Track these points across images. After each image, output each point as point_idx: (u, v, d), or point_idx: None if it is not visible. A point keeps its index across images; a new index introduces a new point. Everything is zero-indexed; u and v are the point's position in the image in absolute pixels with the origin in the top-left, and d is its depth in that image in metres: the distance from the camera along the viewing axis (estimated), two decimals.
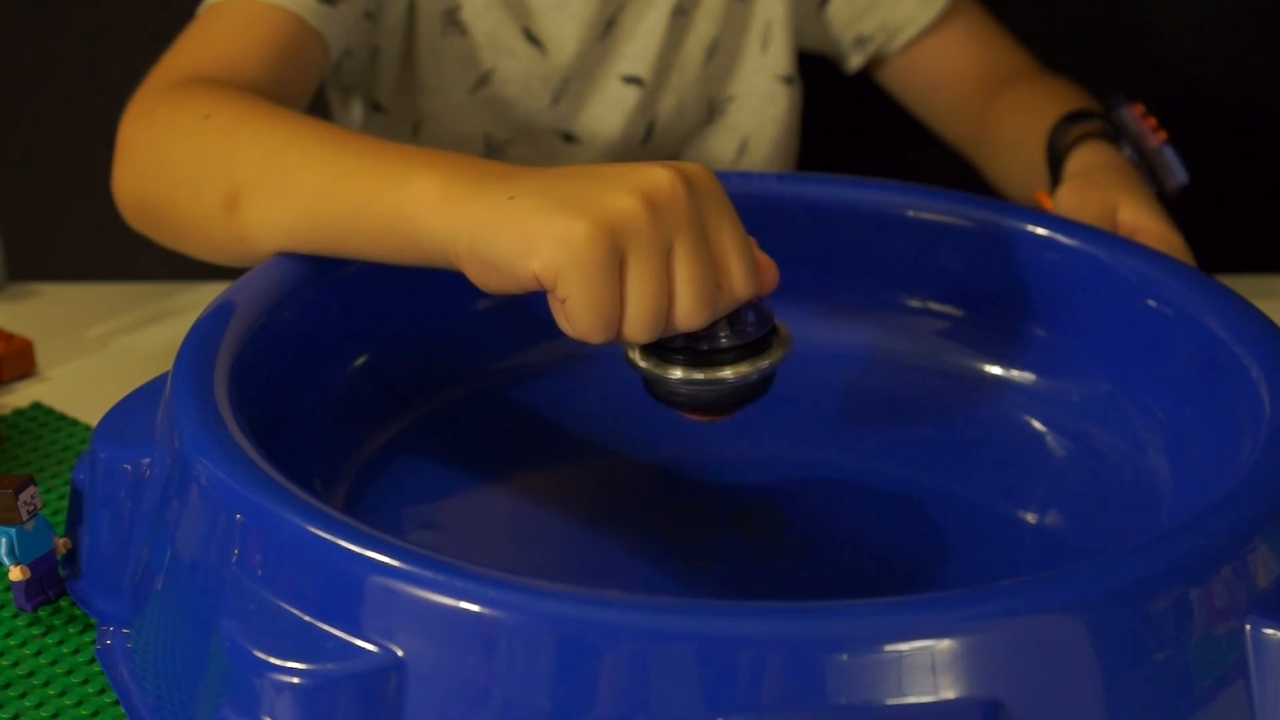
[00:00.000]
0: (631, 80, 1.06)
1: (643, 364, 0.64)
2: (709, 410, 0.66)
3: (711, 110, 1.10)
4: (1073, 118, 0.95)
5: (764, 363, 0.64)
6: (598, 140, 1.08)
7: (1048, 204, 0.89)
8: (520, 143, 1.08)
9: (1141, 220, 0.84)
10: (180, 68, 0.86)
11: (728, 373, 0.63)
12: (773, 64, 1.09)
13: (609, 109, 1.07)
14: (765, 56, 1.09)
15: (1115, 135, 0.94)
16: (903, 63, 1.13)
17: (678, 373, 0.64)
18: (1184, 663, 0.53)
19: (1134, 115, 0.94)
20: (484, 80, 1.06)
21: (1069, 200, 0.86)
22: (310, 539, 0.54)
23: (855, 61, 1.13)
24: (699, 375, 0.63)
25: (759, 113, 1.10)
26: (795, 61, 1.11)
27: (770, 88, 1.10)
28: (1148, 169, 0.93)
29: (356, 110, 1.10)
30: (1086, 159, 0.92)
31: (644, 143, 1.08)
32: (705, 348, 0.63)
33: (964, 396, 0.78)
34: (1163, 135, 0.93)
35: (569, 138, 1.07)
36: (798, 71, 1.12)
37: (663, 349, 0.64)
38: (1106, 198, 0.86)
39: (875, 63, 1.14)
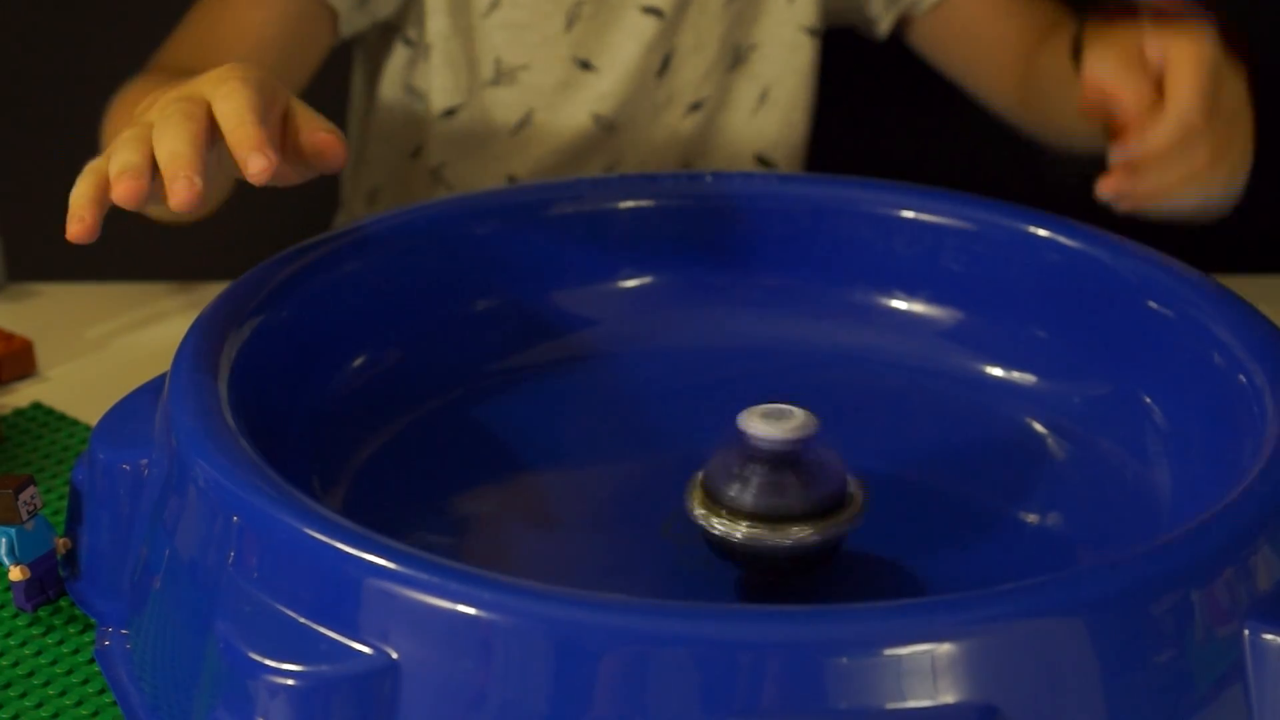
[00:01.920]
0: (650, 11, 1.07)
1: (701, 515, 0.62)
2: (769, 571, 0.63)
3: (736, 57, 1.10)
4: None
5: (830, 528, 0.61)
6: (614, 68, 1.08)
7: (1089, 92, 0.83)
8: (536, 68, 1.07)
9: (1170, 41, 0.80)
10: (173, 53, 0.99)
11: (789, 534, 0.61)
12: (798, 15, 1.09)
13: (626, 38, 1.07)
14: (791, 8, 1.09)
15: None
16: (933, 20, 1.12)
17: (740, 529, 0.61)
18: (1183, 667, 0.53)
19: None
20: (496, 3, 1.06)
21: (1092, 55, 0.83)
22: (306, 541, 0.54)
23: (885, 23, 1.12)
24: (760, 532, 0.61)
25: (782, 63, 1.10)
26: (821, 14, 1.10)
27: (794, 37, 1.09)
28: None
29: (399, 54, 1.11)
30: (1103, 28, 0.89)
31: (659, 74, 1.08)
32: (775, 506, 0.61)
33: (965, 398, 0.78)
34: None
35: (586, 65, 1.08)
36: (822, 24, 1.11)
37: (729, 507, 0.62)
38: (1129, 36, 0.82)
39: (905, 23, 1.13)
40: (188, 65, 0.89)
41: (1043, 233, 0.78)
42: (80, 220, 0.65)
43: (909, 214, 0.81)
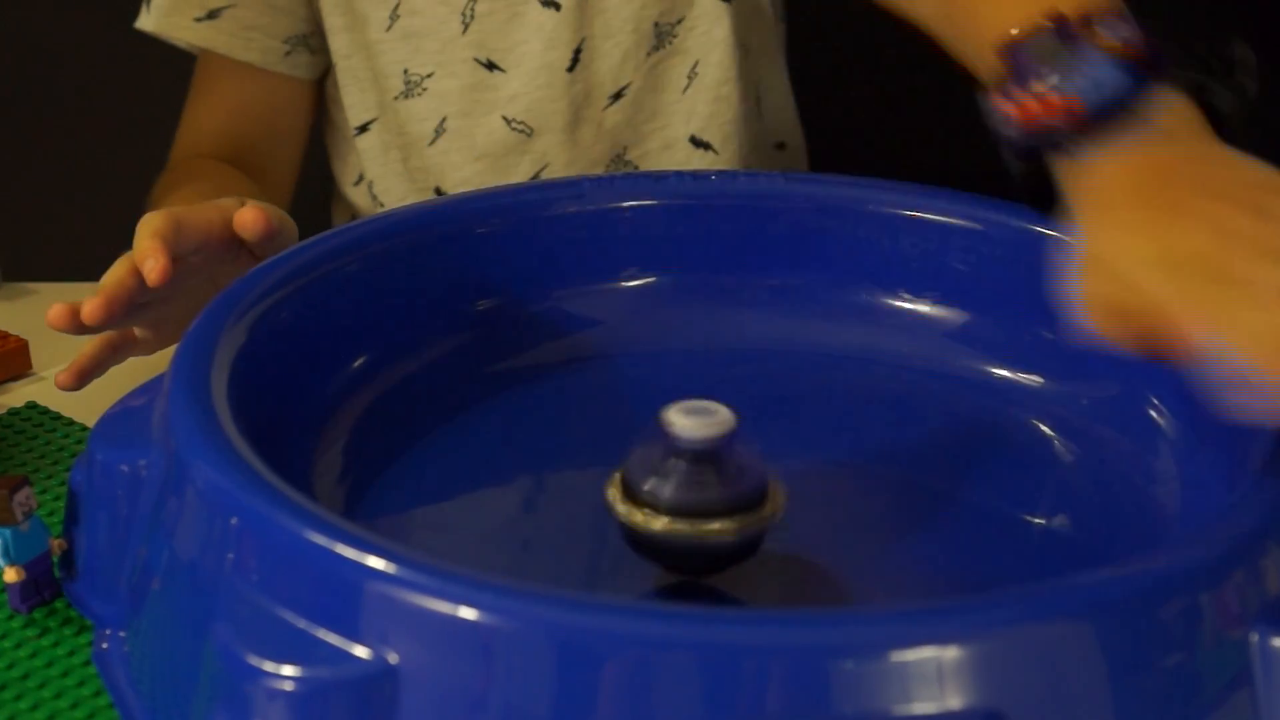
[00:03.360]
0: (548, 4, 1.06)
1: (620, 508, 0.61)
2: (686, 568, 0.63)
3: (660, 37, 1.09)
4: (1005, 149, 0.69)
5: (749, 525, 0.61)
6: (521, 67, 1.07)
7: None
8: (441, 75, 1.08)
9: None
10: (180, 146, 1.11)
11: (707, 530, 0.60)
12: None
13: (530, 35, 1.07)
14: None
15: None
16: None
17: (659, 523, 0.60)
18: (1192, 671, 0.53)
19: (1017, 126, 0.66)
20: (395, 14, 1.07)
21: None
22: (305, 544, 0.54)
23: None
24: (678, 527, 0.60)
25: (706, 35, 1.09)
26: None
27: (713, 7, 1.09)
28: (1103, 128, 0.64)
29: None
30: None
31: (571, 69, 1.08)
32: (694, 502, 0.60)
33: (971, 399, 0.78)
34: (1057, 102, 0.64)
35: (491, 66, 1.07)
36: None
37: (647, 501, 0.61)
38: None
39: None
40: (191, 157, 1.09)
41: (1050, 232, 0.77)
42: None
43: (915, 214, 0.81)
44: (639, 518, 0.61)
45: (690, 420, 0.60)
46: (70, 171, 1.53)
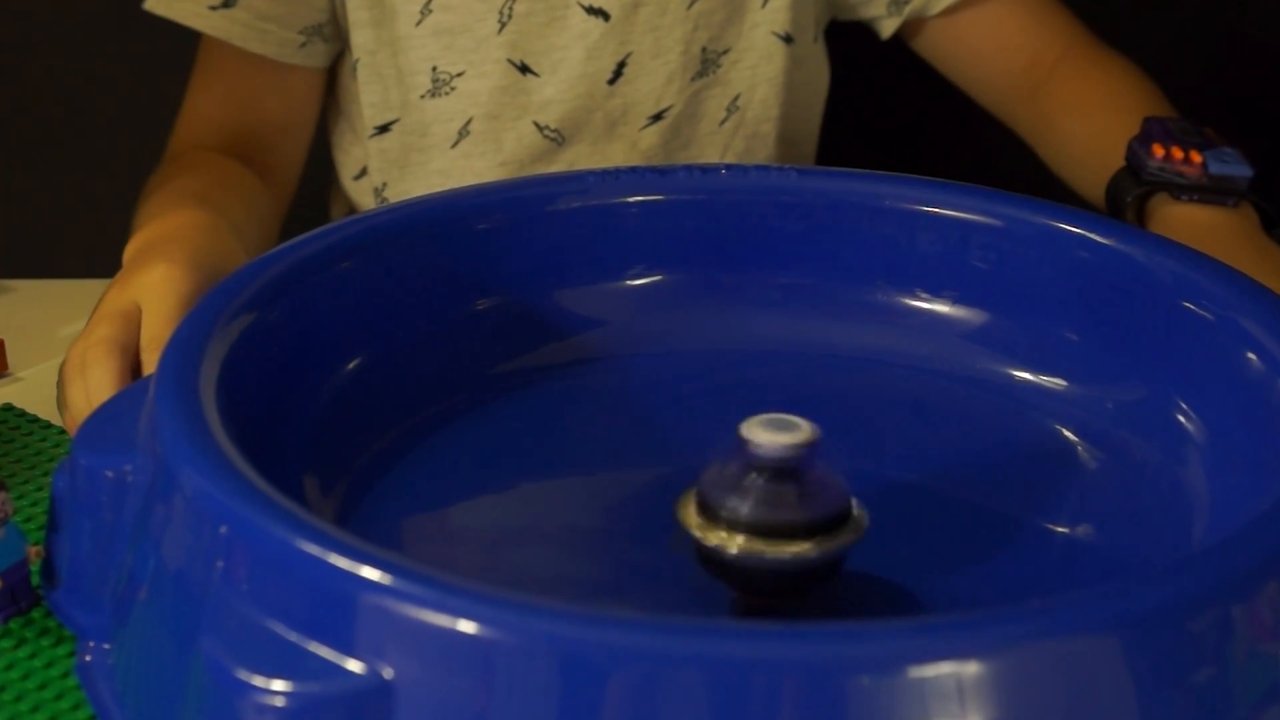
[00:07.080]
0: (594, 12, 1.06)
1: (694, 528, 0.61)
2: (762, 591, 0.63)
3: (704, 64, 1.09)
4: (1125, 173, 0.96)
5: (830, 545, 0.61)
6: (557, 74, 1.07)
7: None
8: (471, 74, 1.08)
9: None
10: (181, 136, 1.11)
11: (787, 549, 0.60)
12: (772, 20, 1.09)
13: (570, 40, 1.07)
14: (765, 11, 1.09)
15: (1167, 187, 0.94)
16: (942, 29, 1.12)
17: (738, 541, 0.60)
18: (1223, 687, 0.53)
19: (1158, 162, 0.94)
20: (427, 8, 1.06)
21: None
22: (297, 553, 0.54)
23: (889, 25, 1.13)
24: (757, 545, 0.60)
25: (754, 70, 1.10)
26: (797, 21, 1.11)
27: (768, 44, 1.09)
28: (1212, 192, 0.93)
29: (340, 75, 1.14)
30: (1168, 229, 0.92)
31: (611, 82, 1.08)
32: (774, 519, 0.60)
33: (992, 403, 0.78)
34: (1197, 157, 0.93)
35: (525, 69, 1.07)
36: (802, 32, 1.11)
37: (725, 520, 0.61)
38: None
39: (911, 27, 1.13)
40: (191, 149, 1.08)
41: (1073, 230, 0.78)
42: None
43: (933, 209, 0.81)
44: (716, 538, 0.61)
45: (770, 433, 0.60)
46: (48, 168, 1.53)
